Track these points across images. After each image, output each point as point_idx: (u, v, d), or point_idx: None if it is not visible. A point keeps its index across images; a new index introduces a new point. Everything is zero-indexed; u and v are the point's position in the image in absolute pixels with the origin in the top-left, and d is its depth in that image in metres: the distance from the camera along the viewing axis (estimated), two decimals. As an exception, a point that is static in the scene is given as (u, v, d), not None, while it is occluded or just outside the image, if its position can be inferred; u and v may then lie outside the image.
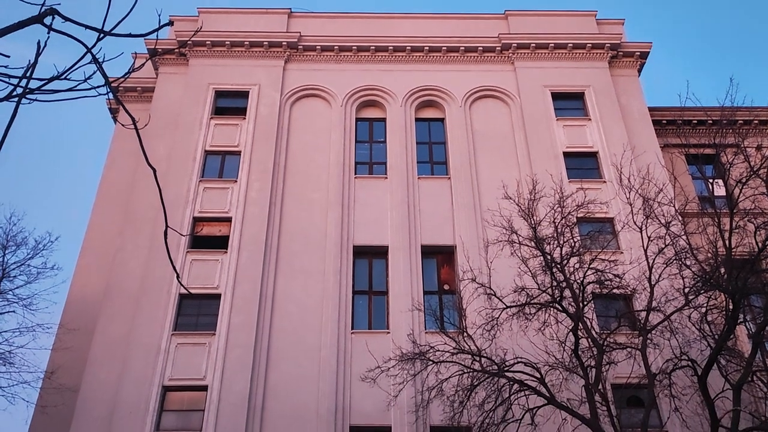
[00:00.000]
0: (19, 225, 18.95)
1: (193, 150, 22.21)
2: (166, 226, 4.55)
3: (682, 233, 14.85)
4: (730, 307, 12.97)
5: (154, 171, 4.96)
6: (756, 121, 23.78)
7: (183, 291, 18.86)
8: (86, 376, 17.56)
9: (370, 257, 20.51)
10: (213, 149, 22.52)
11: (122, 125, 5.41)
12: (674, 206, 15.03)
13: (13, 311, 16.52)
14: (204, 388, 17.47)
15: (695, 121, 23.52)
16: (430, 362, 14.65)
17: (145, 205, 20.17)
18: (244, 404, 17.07)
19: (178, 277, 5.37)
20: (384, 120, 23.70)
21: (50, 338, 18.05)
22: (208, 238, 20.47)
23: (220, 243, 20.21)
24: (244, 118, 23.05)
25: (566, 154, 22.45)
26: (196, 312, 18.92)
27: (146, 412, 16.89)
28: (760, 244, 13.19)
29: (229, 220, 20.67)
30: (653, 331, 14.23)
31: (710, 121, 21.56)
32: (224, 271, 19.44)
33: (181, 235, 12.91)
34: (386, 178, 21.95)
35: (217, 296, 19.01)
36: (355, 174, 22.08)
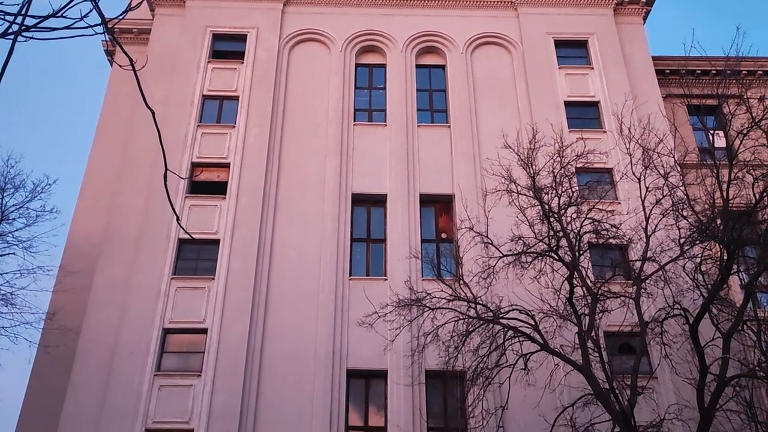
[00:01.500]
0: (16, 167, 18.85)
1: (190, 94, 21.96)
2: (165, 168, 4.55)
3: (681, 184, 14.87)
4: (725, 257, 13.10)
5: (153, 113, 4.93)
6: (760, 72, 23.50)
7: (182, 236, 18.96)
8: (87, 318, 17.83)
9: (368, 205, 20.56)
10: (211, 94, 22.27)
11: (119, 66, 5.34)
12: (673, 157, 15.00)
13: (13, 253, 16.66)
14: (204, 331, 17.77)
15: (699, 72, 23.25)
16: (427, 309, 14.87)
17: (143, 149, 20.08)
18: (243, 347, 17.39)
19: (177, 219, 5.43)
20: (384, 66, 23.37)
21: (51, 280, 18.27)
22: (206, 184, 20.47)
23: (218, 189, 20.21)
24: (242, 63, 22.72)
25: (567, 104, 22.26)
26: (196, 257, 19.08)
27: (147, 354, 17.23)
28: (757, 196, 13.23)
29: (227, 165, 20.62)
30: (647, 281, 14.41)
31: (714, 72, 21.30)
32: (223, 216, 19.51)
33: (180, 178, 12.90)
34: (385, 125, 21.80)
35: (216, 241, 19.14)
36: (354, 121, 21.91)
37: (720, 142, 20.74)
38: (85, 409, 16.46)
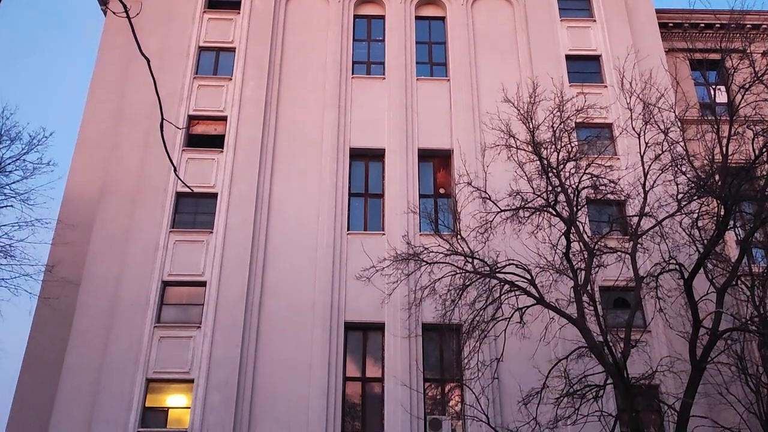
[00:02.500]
0: (12, 119, 18.65)
1: (186, 45, 21.63)
2: (162, 117, 4.50)
3: (680, 140, 14.80)
4: (722, 213, 13.14)
5: (148, 61, 4.86)
6: (764, 26, 23.11)
7: (180, 189, 18.95)
8: (87, 271, 17.94)
9: (366, 159, 20.47)
10: (207, 45, 21.93)
11: (113, 13, 5.22)
12: (674, 112, 14.88)
13: (11, 206, 16.62)
14: (203, 284, 17.91)
15: (702, 25, 22.87)
16: (424, 263, 14.97)
17: (140, 102, 19.84)
18: (242, 300, 17.56)
19: (175, 170, 5.39)
20: (383, 17, 22.94)
21: (49, 233, 18.29)
22: (203, 137, 20.35)
23: (215, 142, 20.10)
24: (239, 13, 22.29)
25: (568, 57, 21.97)
26: (194, 210, 19.09)
27: (146, 306, 17.40)
28: (756, 151, 13.19)
29: (224, 119, 20.45)
30: (644, 236, 14.48)
31: (718, 25, 20.99)
32: (220, 170, 19.45)
33: (177, 128, 12.80)
34: (384, 78, 21.53)
35: (214, 195, 19.12)
36: (353, 74, 21.62)
37: (721, 97, 20.57)
38: (87, 360, 16.72)
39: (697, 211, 14.17)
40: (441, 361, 17.64)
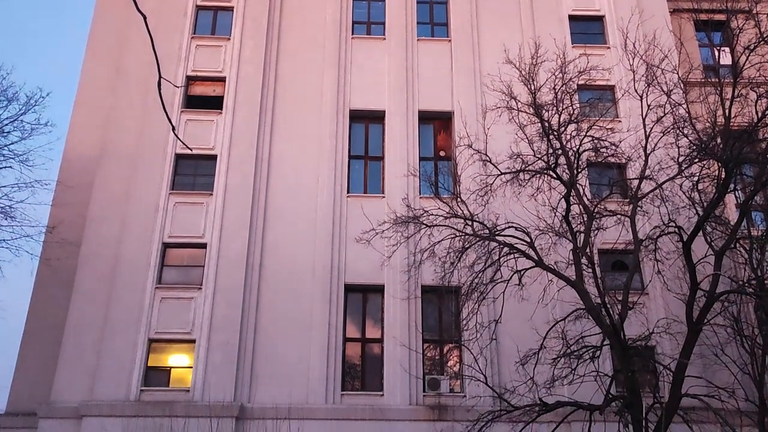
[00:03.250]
0: (8, 79, 18.48)
1: (183, 4, 21.28)
2: (159, 75, 4.45)
3: (683, 102, 14.67)
4: (722, 176, 13.10)
5: (145, 18, 4.78)
6: (772, -14, 22.69)
7: (179, 151, 18.88)
8: (87, 232, 17.99)
9: (366, 121, 20.33)
10: (204, 4, 21.58)
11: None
12: (677, 74, 14.71)
13: (10, 167, 16.59)
14: (203, 246, 17.98)
15: (709, -17, 22.43)
16: (424, 226, 15.00)
17: (137, 63, 19.60)
18: (242, 262, 17.65)
19: (173, 129, 5.35)
20: (383, -23, 22.49)
21: (49, 194, 18.30)
22: (202, 98, 20.17)
23: (214, 103, 19.94)
24: (236, -29, 21.84)
25: (572, 18, 21.64)
26: (193, 172, 19.05)
27: (147, 267, 17.50)
28: (759, 114, 13.09)
29: (223, 79, 20.24)
30: (644, 199, 14.47)
31: (725, -16, 20.54)
32: (219, 131, 19.34)
33: (176, 86, 12.68)
34: (384, 39, 21.24)
35: (213, 157, 19.06)
36: (352, 34, 21.33)
37: (725, 59, 20.31)
38: (89, 320, 16.89)
39: (697, 174, 14.13)
40: (440, 322, 17.83)
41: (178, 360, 17.10)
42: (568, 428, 14.99)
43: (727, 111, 13.14)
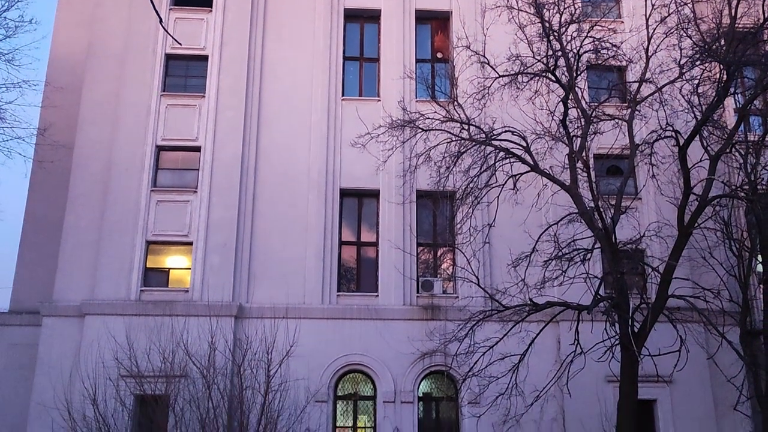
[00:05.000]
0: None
1: None
2: (145, -40, 4.22)
3: (688, 1, 14.19)
4: (724, 78, 12.89)
5: None
6: None
7: (169, 51, 18.40)
8: (79, 134, 17.79)
9: (361, 21, 19.69)
10: None
11: None
12: (684, -30, 14.14)
13: (-4, 66, 16.15)
14: (197, 149, 17.85)
15: None
16: (419, 130, 14.88)
17: (121, -44, 18.70)
18: (237, 165, 17.59)
19: (161, 21, 5.14)
20: None
21: (38, 96, 17.94)
22: (191, -5, 19.37)
23: (204, 0, 19.15)
24: None
25: None
26: (184, 73, 18.62)
27: (142, 170, 17.44)
28: (765, 13, 12.70)
29: (212, -26, 19.38)
30: (642, 103, 14.31)
31: None
32: (210, 31, 18.72)
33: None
34: (380, -68, 20.20)
35: (204, 57, 18.57)
36: (347, -73, 20.25)
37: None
38: (86, 222, 17.01)
39: (698, 77, 13.90)
40: (434, 226, 18.03)
41: (176, 261, 17.38)
42: (556, 327, 15.55)
43: (733, 10, 12.75)
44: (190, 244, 17.13)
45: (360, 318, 16.70)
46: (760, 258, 14.50)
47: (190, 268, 16.98)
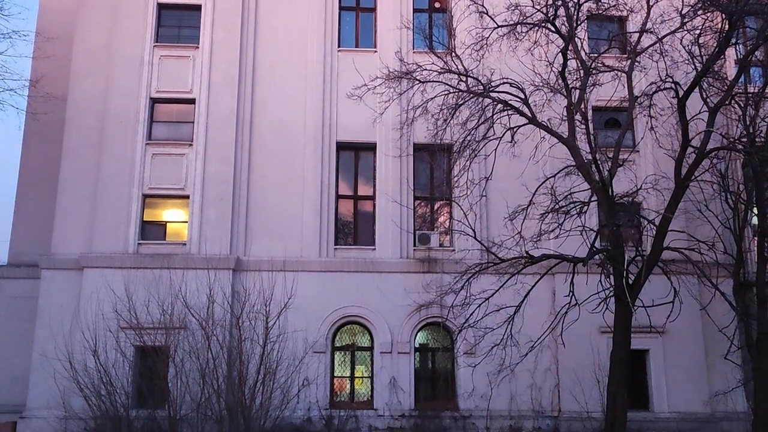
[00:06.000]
0: None
1: None
2: None
3: (691, -52, 13.89)
4: (726, 27, 12.71)
5: None
6: None
7: (161, 0, 18.01)
8: (72, 86, 17.55)
9: (358, -30, 19.25)
10: None
11: None
12: None
13: (-15, 15, 15.77)
14: (191, 101, 17.66)
15: None
16: (417, 81, 14.70)
17: None
18: (233, 118, 17.45)
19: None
20: None
21: (29, 46, 17.65)
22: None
23: (196, -51, 18.66)
24: None
25: None
26: (177, 24, 18.27)
27: (136, 123, 17.28)
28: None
29: None
30: (642, 54, 14.13)
31: None
32: (203, -21, 18.29)
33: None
34: None
35: (197, 7, 18.19)
36: None
37: None
38: (82, 175, 16.94)
39: (699, 27, 13.69)
40: (431, 179, 17.99)
41: (173, 215, 17.38)
42: (551, 280, 15.70)
43: (737, -42, 12.49)
44: (187, 197, 17.10)
45: (357, 271, 16.83)
46: (755, 210, 14.53)
47: (187, 222, 16.99)
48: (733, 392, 15.53)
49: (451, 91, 14.32)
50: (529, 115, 13.92)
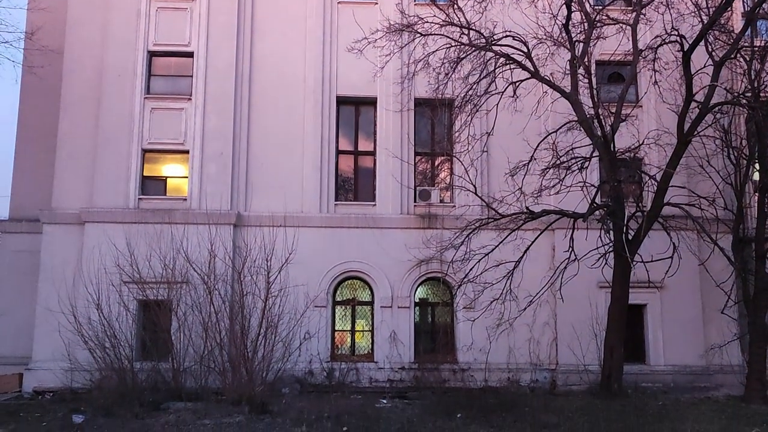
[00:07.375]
0: None
1: None
2: None
3: None
4: (734, -22, 12.46)
5: None
6: None
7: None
8: (68, 38, 17.30)
9: None
10: None
11: None
12: None
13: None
14: (190, 55, 17.41)
15: None
16: (418, 34, 14.49)
17: None
18: (231, 72, 17.24)
19: None
20: None
21: (23, -2, 17.28)
22: None
23: None
24: None
25: None
26: (174, -26, 17.88)
27: (134, 76, 17.07)
28: None
29: None
30: (648, 6, 13.88)
31: None
32: (199, -73, 17.81)
33: None
34: None
35: (195, -43, 17.78)
36: None
37: None
38: (81, 129, 16.83)
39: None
40: (432, 135, 17.89)
41: (173, 170, 17.33)
42: (551, 235, 15.75)
43: None
44: (187, 152, 17.02)
45: (358, 226, 16.87)
46: (757, 166, 14.48)
47: (187, 177, 16.96)
48: (729, 346, 15.74)
49: (453, 44, 14.14)
50: (532, 69, 13.76)
